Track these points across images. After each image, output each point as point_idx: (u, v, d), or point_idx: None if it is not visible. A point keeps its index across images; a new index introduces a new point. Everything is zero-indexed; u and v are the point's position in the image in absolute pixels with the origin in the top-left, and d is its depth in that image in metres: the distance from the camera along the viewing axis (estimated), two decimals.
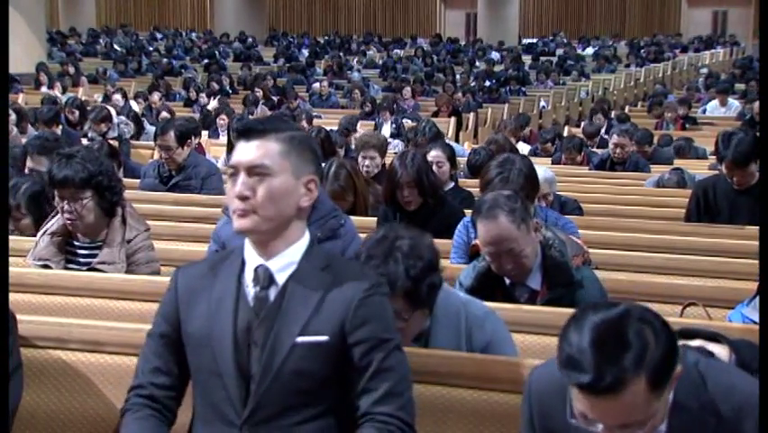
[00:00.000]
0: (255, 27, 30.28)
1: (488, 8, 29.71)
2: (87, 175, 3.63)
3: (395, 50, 27.14)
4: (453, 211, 4.73)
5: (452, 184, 5.72)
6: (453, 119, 12.54)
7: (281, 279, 2.25)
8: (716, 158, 5.59)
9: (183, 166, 6.28)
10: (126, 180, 5.27)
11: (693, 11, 34.79)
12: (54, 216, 3.87)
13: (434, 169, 5.34)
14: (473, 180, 6.03)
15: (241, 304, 2.26)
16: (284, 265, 2.26)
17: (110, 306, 3.58)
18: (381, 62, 22.80)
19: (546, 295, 3.34)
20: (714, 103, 14.55)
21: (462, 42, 29.75)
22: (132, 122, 10.00)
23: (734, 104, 14.29)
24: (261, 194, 2.18)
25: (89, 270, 3.71)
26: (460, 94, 15.01)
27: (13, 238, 4.40)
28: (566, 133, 11.23)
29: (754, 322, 3.23)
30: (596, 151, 9.45)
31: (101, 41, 27.60)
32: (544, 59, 23.73)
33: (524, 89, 17.50)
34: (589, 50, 27.68)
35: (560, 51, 26.83)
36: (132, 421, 2.31)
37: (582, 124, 12.04)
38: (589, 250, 3.84)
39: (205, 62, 21.26)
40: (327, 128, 7.63)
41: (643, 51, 26.31)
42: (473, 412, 2.64)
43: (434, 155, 5.60)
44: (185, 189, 6.17)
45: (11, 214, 4.23)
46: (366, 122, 11.50)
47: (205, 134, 9.56)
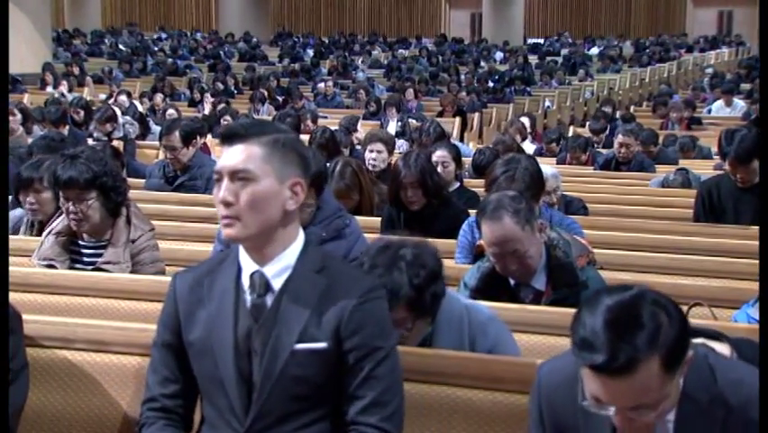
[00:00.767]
0: (260, 27, 30.30)
1: (493, 8, 29.69)
2: (92, 176, 3.64)
3: (399, 50, 27.15)
4: (458, 211, 4.72)
5: (457, 184, 5.72)
6: (458, 119, 12.53)
7: (277, 284, 2.25)
8: (719, 155, 5.59)
9: (188, 166, 6.28)
10: (131, 180, 5.27)
11: (699, 11, 34.74)
12: (59, 215, 3.87)
13: (439, 169, 5.35)
14: (478, 180, 6.03)
15: (240, 311, 2.26)
16: (279, 270, 2.25)
17: (115, 306, 3.58)
18: (386, 62, 22.81)
19: (551, 295, 3.34)
20: (719, 103, 14.53)
21: (467, 42, 29.74)
22: (138, 122, 10.01)
23: (739, 104, 14.26)
24: (244, 200, 2.17)
25: (94, 270, 3.72)
26: (464, 94, 15.00)
27: (17, 238, 4.42)
28: (571, 132, 11.22)
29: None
30: (601, 151, 9.45)
31: (106, 41, 27.63)
32: (548, 59, 23.72)
33: (528, 89, 17.48)
34: (594, 49, 27.66)
35: (565, 51, 26.82)
36: None
37: (588, 122, 12.01)
38: (594, 250, 3.83)
39: (210, 62, 21.28)
40: (332, 128, 7.63)
41: (648, 51, 26.27)
42: (478, 412, 2.64)
43: (439, 155, 5.60)
44: (190, 189, 6.18)
45: (32, 186, 4.22)
46: (371, 122, 11.50)
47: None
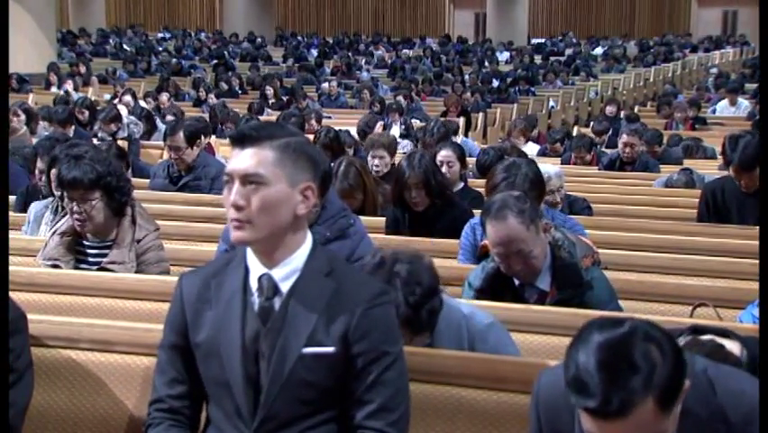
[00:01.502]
0: (264, 27, 30.31)
1: (496, 8, 29.67)
2: (96, 176, 3.64)
3: (404, 50, 27.14)
4: (462, 211, 4.72)
5: (461, 184, 5.71)
6: (462, 119, 12.53)
7: (285, 287, 2.25)
8: (723, 160, 5.58)
9: (192, 166, 6.29)
10: (136, 180, 5.28)
11: (703, 11, 34.69)
12: (63, 215, 3.87)
13: (444, 169, 5.35)
14: (482, 180, 6.02)
15: (248, 314, 2.25)
16: (287, 273, 2.25)
17: (120, 305, 3.58)
18: (390, 62, 22.80)
19: (555, 296, 3.34)
20: (724, 103, 14.51)
21: (471, 43, 29.73)
22: (145, 120, 10.02)
23: (743, 103, 14.24)
24: (256, 204, 2.16)
25: (99, 269, 3.72)
26: (468, 94, 14.99)
27: (23, 238, 4.43)
28: (575, 132, 11.21)
29: None
30: (605, 151, 9.44)
31: (110, 41, 27.66)
32: (553, 59, 23.70)
33: (533, 89, 17.48)
34: (599, 49, 27.63)
35: (569, 51, 26.80)
36: None
37: (592, 123, 12.00)
38: (598, 250, 3.83)
39: (214, 62, 21.29)
40: (336, 128, 7.63)
41: (652, 51, 26.24)
42: (482, 412, 2.64)
43: (444, 155, 5.59)
44: (194, 189, 6.18)
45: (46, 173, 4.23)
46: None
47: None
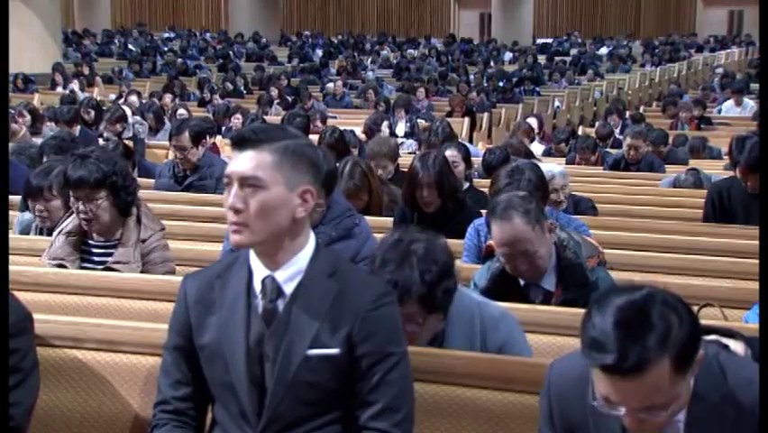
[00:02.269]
0: (269, 27, 30.34)
1: (502, 8, 29.65)
2: (102, 175, 3.64)
3: (409, 50, 27.14)
4: (472, 214, 4.70)
5: (466, 184, 5.70)
6: (467, 119, 12.52)
7: (289, 289, 2.25)
8: (730, 162, 5.58)
9: (198, 166, 6.29)
10: (141, 180, 5.28)
11: (709, 10, 34.66)
12: (69, 215, 3.88)
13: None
14: (487, 180, 6.02)
15: (252, 316, 2.25)
16: (291, 275, 2.25)
17: (125, 305, 3.58)
18: (395, 62, 22.81)
19: (561, 296, 3.33)
20: (729, 103, 14.50)
21: (476, 42, 29.73)
22: (154, 115, 10.03)
23: (749, 103, 14.21)
24: (254, 207, 2.16)
25: (104, 269, 3.72)
26: (474, 94, 14.99)
27: (27, 238, 4.43)
28: (580, 133, 11.20)
29: None
30: (610, 151, 9.42)
31: (116, 41, 27.70)
32: (558, 58, 23.70)
33: (538, 89, 17.47)
34: (604, 49, 27.61)
35: (574, 51, 26.80)
36: None
37: (596, 125, 11.99)
38: (604, 250, 3.82)
39: (220, 62, 21.31)
40: (341, 128, 7.63)
41: (657, 51, 26.23)
42: (488, 412, 2.64)
43: (448, 155, 5.58)
44: (199, 189, 6.18)
45: (42, 194, 4.21)
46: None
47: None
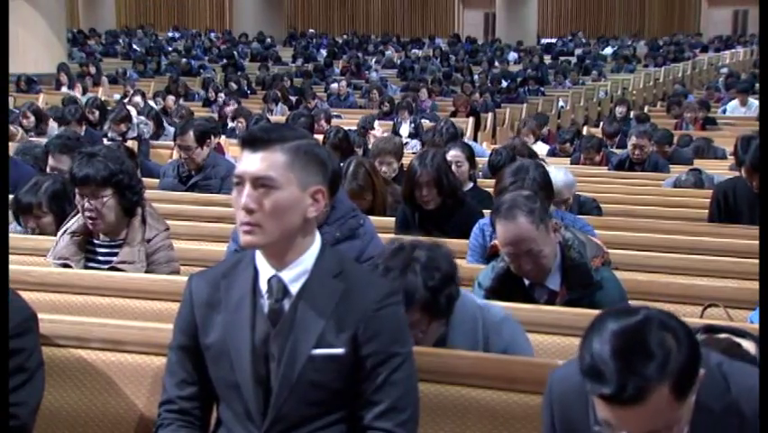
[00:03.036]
0: (274, 27, 30.35)
1: (506, 8, 29.64)
2: (108, 173, 3.64)
3: (413, 50, 27.15)
4: (472, 211, 4.72)
5: (471, 184, 5.70)
6: (472, 119, 12.52)
7: (295, 289, 2.25)
8: (735, 162, 5.57)
9: (202, 166, 6.30)
10: (145, 180, 5.28)
11: (713, 10, 34.62)
12: (74, 215, 3.88)
13: (453, 168, 5.34)
14: (492, 180, 6.01)
15: (257, 315, 2.25)
16: (297, 275, 2.25)
17: (130, 305, 3.59)
18: (399, 62, 22.81)
19: (566, 296, 3.33)
20: (734, 103, 14.47)
21: (481, 42, 29.71)
22: (153, 120, 10.04)
23: (754, 103, 14.17)
24: (267, 207, 2.16)
25: (109, 269, 3.72)
26: (478, 94, 14.99)
27: (33, 238, 4.43)
28: (585, 132, 11.19)
29: None
30: (615, 151, 9.42)
31: (120, 41, 27.73)
32: (562, 58, 23.68)
33: (542, 89, 17.46)
34: (608, 49, 27.59)
35: (578, 51, 26.78)
36: None
37: (602, 123, 11.97)
38: (608, 250, 3.82)
39: (224, 62, 21.32)
40: (346, 128, 7.64)
41: (662, 51, 26.22)
42: (493, 413, 2.64)
43: (453, 155, 5.59)
44: (204, 189, 6.19)
45: (32, 212, 4.25)
46: (384, 122, 11.49)
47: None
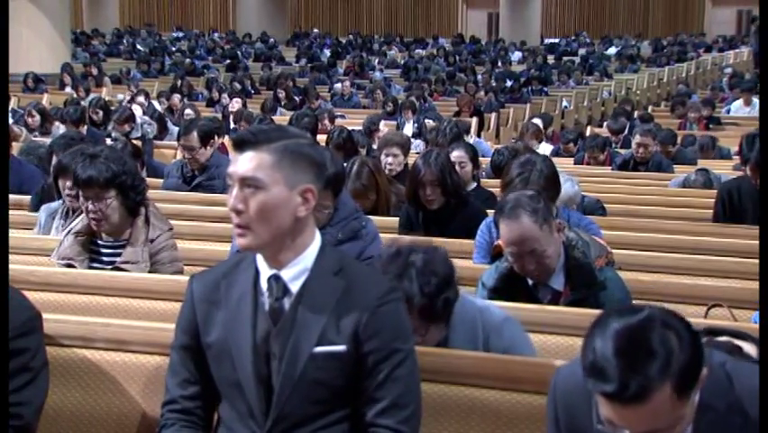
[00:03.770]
0: (277, 27, 30.37)
1: (510, 8, 29.65)
2: (111, 175, 3.65)
3: (416, 50, 27.14)
4: (476, 211, 4.72)
5: (474, 184, 5.70)
6: (475, 119, 12.51)
7: (295, 287, 2.25)
8: (740, 160, 5.56)
9: (206, 166, 6.30)
10: (149, 180, 5.29)
11: (717, 10, 34.58)
12: (78, 215, 3.89)
13: (456, 169, 5.34)
14: (496, 180, 6.01)
15: (258, 314, 2.26)
16: (297, 273, 2.25)
17: (134, 305, 3.59)
18: (403, 62, 22.81)
19: (569, 296, 3.33)
20: (738, 103, 14.47)
21: (484, 42, 29.70)
22: (156, 122, 10.05)
23: (758, 103, 14.17)
24: (253, 208, 2.17)
25: (113, 269, 3.73)
26: (481, 94, 14.98)
27: (38, 238, 4.45)
28: (588, 133, 11.18)
29: None
30: (619, 151, 9.41)
31: (124, 41, 27.76)
32: (566, 58, 23.67)
33: (546, 89, 17.45)
34: (612, 49, 27.55)
35: (582, 51, 26.76)
36: None
37: (606, 121, 11.96)
38: (612, 250, 3.82)
39: (228, 62, 21.33)
40: (350, 128, 7.63)
41: (666, 51, 26.19)
42: (496, 413, 2.64)
43: (456, 155, 5.59)
44: (208, 189, 6.19)
45: (71, 173, 4.08)
46: (388, 122, 11.49)
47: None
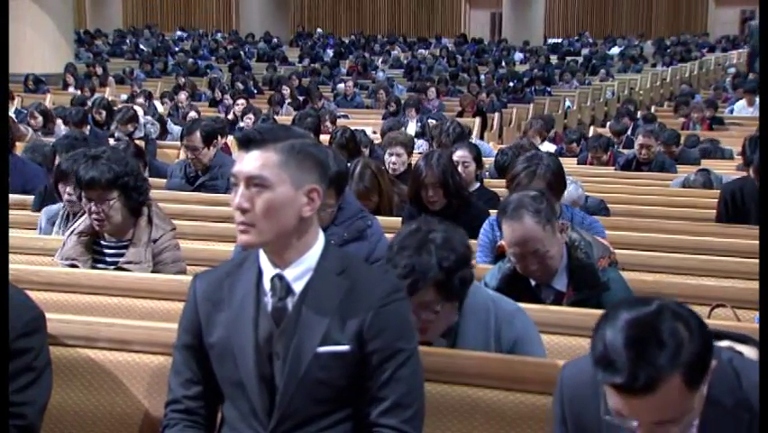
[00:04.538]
0: (280, 28, 30.38)
1: (513, 8, 29.63)
2: (114, 176, 3.65)
3: (419, 50, 27.13)
4: (479, 212, 4.71)
5: (477, 184, 5.70)
6: (478, 119, 12.51)
7: (298, 287, 2.25)
8: (743, 162, 5.56)
9: (209, 166, 6.31)
10: (152, 180, 5.29)
11: (720, 10, 34.56)
12: (81, 215, 3.90)
13: (459, 169, 5.34)
14: (499, 181, 6.02)
15: (261, 314, 2.26)
16: (300, 273, 2.25)
17: (137, 305, 3.60)
18: (406, 62, 22.81)
19: (572, 297, 3.33)
20: (741, 103, 14.44)
21: (487, 42, 29.70)
22: (157, 123, 10.07)
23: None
24: (260, 207, 2.17)
25: (116, 269, 3.74)
26: (484, 94, 14.98)
27: (41, 238, 4.45)
28: (591, 133, 11.18)
29: None
30: (622, 151, 9.41)
31: (127, 41, 27.78)
32: (569, 58, 23.66)
33: (549, 89, 17.44)
34: (615, 49, 27.55)
35: (585, 51, 26.76)
36: None
37: (609, 122, 11.95)
38: (615, 251, 3.81)
39: (231, 62, 21.34)
40: (353, 128, 7.64)
41: (669, 51, 26.18)
42: (500, 413, 2.64)
43: (459, 155, 5.59)
44: (211, 189, 6.20)
45: (71, 178, 4.09)
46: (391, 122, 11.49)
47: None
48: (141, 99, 12.58)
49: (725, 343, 2.28)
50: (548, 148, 9.68)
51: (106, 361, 2.92)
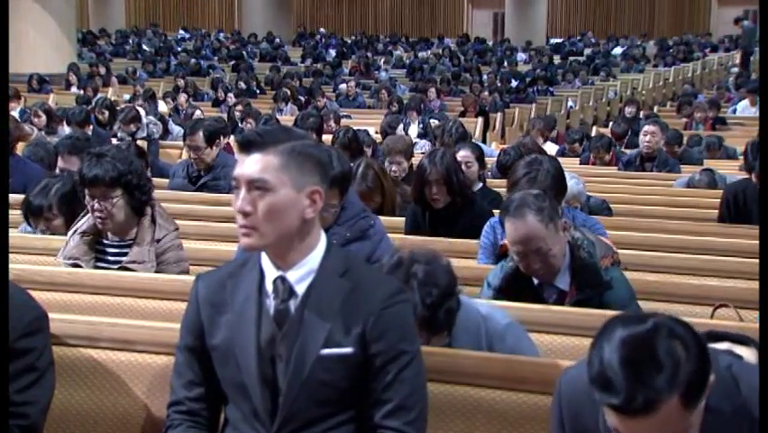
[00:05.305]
0: (282, 28, 30.37)
1: (515, 8, 29.61)
2: (117, 174, 3.66)
3: (422, 50, 27.12)
4: (482, 211, 4.72)
5: (480, 184, 5.70)
6: (480, 119, 12.50)
7: (301, 289, 2.25)
8: (745, 167, 5.56)
9: (212, 166, 6.31)
10: (155, 180, 5.30)
11: (723, 10, 34.47)
12: (84, 215, 3.90)
13: (462, 169, 5.34)
14: (501, 181, 6.01)
15: (263, 317, 2.26)
16: (303, 275, 2.25)
17: (140, 305, 3.60)
18: (408, 62, 22.80)
19: (575, 296, 3.33)
20: (744, 103, 14.43)
21: (490, 42, 29.68)
22: (159, 123, 10.06)
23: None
24: (262, 210, 2.17)
25: (119, 269, 3.74)
26: (487, 94, 14.97)
27: (43, 237, 4.45)
28: (594, 133, 11.17)
29: None
30: (625, 151, 9.40)
31: (130, 41, 27.79)
32: (572, 58, 23.64)
33: (551, 89, 17.42)
34: (618, 49, 27.51)
35: (588, 51, 26.74)
36: None
37: (610, 124, 11.95)
38: (618, 250, 3.81)
39: (233, 62, 21.35)
40: (355, 128, 7.64)
41: (672, 51, 26.14)
42: (501, 413, 2.64)
43: (462, 155, 5.58)
44: (213, 189, 6.20)
45: (42, 214, 4.26)
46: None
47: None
48: (141, 100, 12.57)
49: (724, 345, 2.27)
50: (550, 148, 9.68)
51: (109, 361, 2.92)
